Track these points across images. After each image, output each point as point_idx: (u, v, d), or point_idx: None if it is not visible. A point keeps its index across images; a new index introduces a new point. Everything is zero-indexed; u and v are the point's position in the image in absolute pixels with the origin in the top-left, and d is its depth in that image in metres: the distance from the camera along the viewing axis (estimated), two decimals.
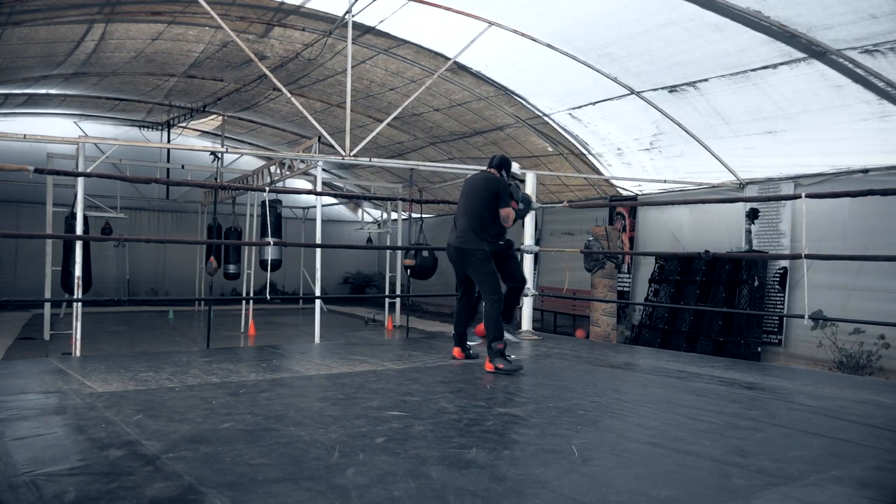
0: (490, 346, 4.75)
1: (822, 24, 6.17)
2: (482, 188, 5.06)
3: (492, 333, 4.78)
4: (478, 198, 5.03)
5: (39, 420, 3.17)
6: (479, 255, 4.93)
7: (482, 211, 5.01)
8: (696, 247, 8.85)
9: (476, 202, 5.03)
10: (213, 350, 7.23)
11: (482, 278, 4.96)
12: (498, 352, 4.71)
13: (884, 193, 4.81)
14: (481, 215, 5.00)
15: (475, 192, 5.07)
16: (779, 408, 3.89)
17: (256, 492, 2.26)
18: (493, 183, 5.08)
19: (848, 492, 2.45)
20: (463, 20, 8.05)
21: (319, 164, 8.62)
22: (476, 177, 5.29)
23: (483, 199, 5.02)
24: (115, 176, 7.23)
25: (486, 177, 5.17)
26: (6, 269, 15.32)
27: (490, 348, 4.75)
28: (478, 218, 4.98)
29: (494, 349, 4.72)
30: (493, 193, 5.02)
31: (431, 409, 3.56)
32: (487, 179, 5.12)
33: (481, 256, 4.93)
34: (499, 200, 5.04)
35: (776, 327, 8.93)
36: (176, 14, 8.58)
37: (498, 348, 4.71)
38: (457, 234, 5.04)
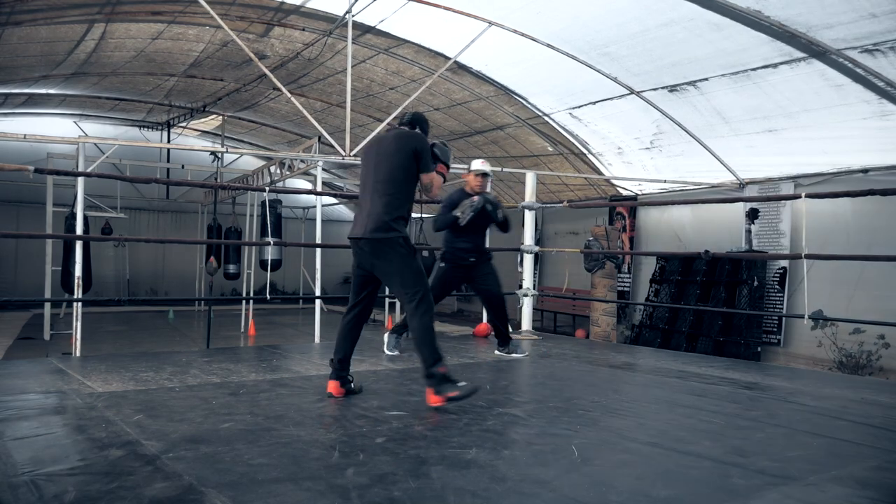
0: (430, 373, 3.52)
1: (822, 23, 6.17)
2: (395, 151, 3.71)
3: (429, 355, 3.54)
4: (391, 165, 3.68)
5: (39, 420, 3.17)
6: (400, 245, 3.61)
7: (401, 182, 3.68)
8: (697, 246, 8.85)
9: (389, 171, 3.68)
10: (213, 350, 7.23)
11: (405, 279, 3.62)
12: (441, 377, 3.52)
13: (884, 193, 4.81)
14: (400, 189, 3.68)
15: (389, 155, 3.71)
16: (779, 408, 3.89)
17: (256, 492, 2.26)
18: (412, 140, 3.73)
19: (848, 492, 2.44)
20: (463, 20, 8.05)
21: (319, 164, 8.62)
22: (383, 139, 3.87)
23: (399, 164, 3.67)
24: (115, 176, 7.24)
25: (399, 134, 3.81)
26: (6, 269, 15.32)
27: (431, 376, 3.52)
28: (395, 194, 3.65)
29: (437, 375, 3.52)
30: (411, 153, 3.68)
31: (431, 409, 3.55)
32: (403, 137, 3.77)
33: (403, 248, 3.62)
34: (419, 163, 3.70)
35: (776, 327, 8.93)
36: (176, 14, 8.58)
37: (440, 373, 3.53)
38: (365, 221, 3.67)
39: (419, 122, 3.93)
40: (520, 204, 7.45)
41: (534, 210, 7.38)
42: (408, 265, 3.61)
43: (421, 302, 3.58)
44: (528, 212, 7.40)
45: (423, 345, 3.56)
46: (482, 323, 7.68)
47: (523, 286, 7.39)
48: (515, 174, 11.37)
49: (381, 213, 3.62)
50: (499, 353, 5.58)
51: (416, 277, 3.62)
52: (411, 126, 3.88)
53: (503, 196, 13.87)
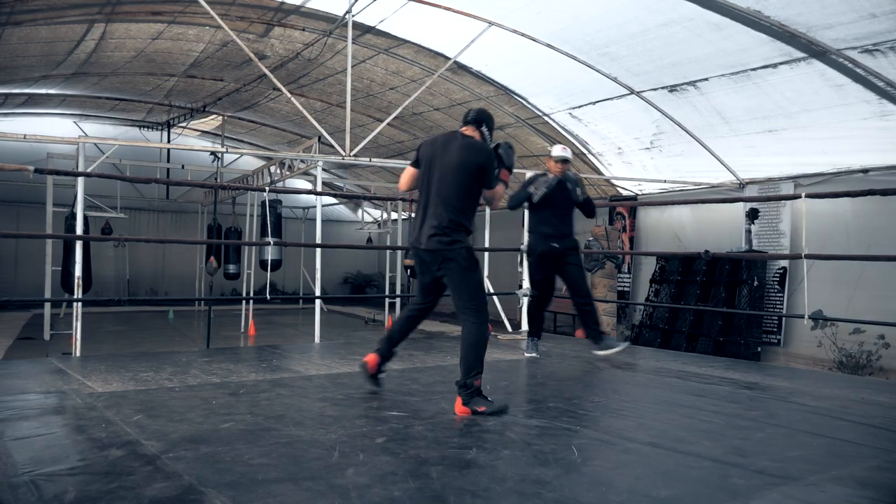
0: (465, 383, 3.49)
1: (822, 23, 6.17)
2: (461, 163, 3.63)
3: (471, 365, 3.51)
4: (457, 176, 3.62)
5: (39, 420, 3.17)
6: (463, 257, 3.61)
7: (464, 198, 3.64)
8: (697, 247, 8.84)
9: (453, 185, 3.62)
10: (213, 350, 7.23)
11: (462, 291, 3.63)
12: (475, 390, 3.50)
13: (884, 193, 4.81)
14: (463, 203, 3.64)
15: (452, 168, 3.63)
16: (779, 408, 3.89)
17: (256, 492, 2.26)
18: (478, 154, 3.66)
19: (848, 492, 2.44)
20: (463, 20, 8.05)
21: (319, 164, 8.61)
22: (448, 144, 3.72)
23: (463, 180, 3.62)
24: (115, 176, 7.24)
25: (465, 144, 3.69)
26: (6, 269, 15.31)
27: (465, 385, 3.49)
28: (458, 207, 3.62)
29: (471, 386, 3.49)
30: (477, 169, 3.63)
31: (431, 409, 3.56)
32: (468, 149, 3.67)
33: (465, 260, 3.62)
34: (484, 179, 3.66)
35: (776, 327, 8.93)
36: (176, 14, 8.58)
37: (475, 385, 3.50)
38: (428, 231, 3.65)
39: (485, 120, 3.81)
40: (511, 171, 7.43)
41: None
42: (467, 277, 3.63)
43: (479, 314, 3.61)
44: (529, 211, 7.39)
45: (468, 354, 3.56)
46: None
47: (523, 286, 7.39)
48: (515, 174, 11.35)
49: (445, 225, 3.60)
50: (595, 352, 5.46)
51: (475, 290, 3.66)
52: (476, 124, 3.79)
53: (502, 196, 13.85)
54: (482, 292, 3.71)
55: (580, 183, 5.45)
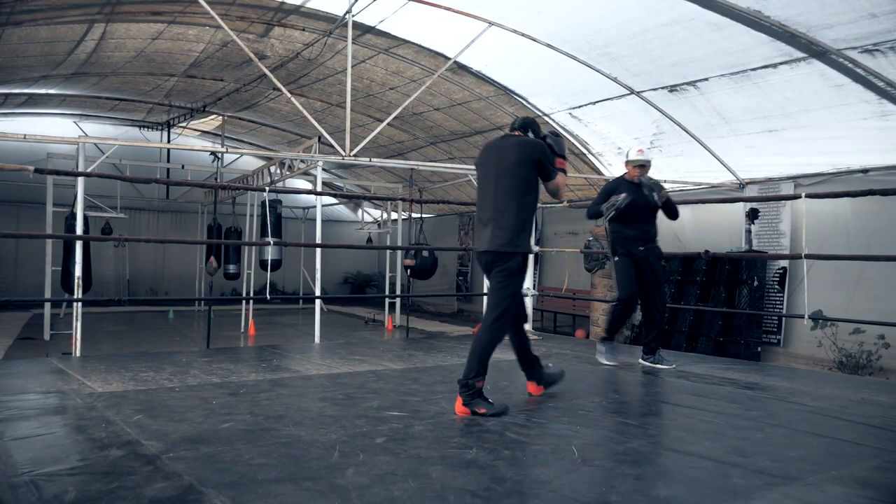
0: (467, 383, 3.54)
1: (822, 23, 6.17)
2: (517, 161, 3.63)
3: (474, 365, 3.58)
4: (514, 175, 3.62)
5: (39, 420, 3.17)
6: (516, 262, 3.63)
7: (524, 194, 3.64)
8: (697, 246, 8.84)
9: (511, 184, 3.62)
10: (213, 350, 7.23)
11: (497, 294, 3.65)
12: (476, 391, 3.54)
13: (884, 193, 4.82)
14: (523, 201, 3.64)
15: (509, 167, 3.64)
16: (779, 408, 3.89)
17: (256, 492, 2.26)
18: (531, 149, 3.65)
19: (848, 492, 2.45)
20: (463, 20, 8.05)
21: (319, 164, 8.61)
22: (501, 148, 3.75)
23: (522, 176, 3.62)
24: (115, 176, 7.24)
25: (517, 142, 3.71)
26: (6, 269, 15.31)
27: (467, 386, 3.54)
28: (518, 206, 3.62)
29: (472, 387, 3.53)
30: (533, 164, 3.63)
31: (431, 409, 3.56)
32: (521, 146, 3.67)
33: (516, 265, 3.63)
34: (542, 172, 3.66)
35: (776, 327, 8.93)
36: (176, 14, 8.58)
37: (477, 387, 3.54)
38: (489, 236, 3.66)
39: (531, 125, 3.88)
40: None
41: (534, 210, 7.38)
42: (507, 282, 3.64)
43: (497, 319, 3.63)
44: None
45: (476, 355, 3.59)
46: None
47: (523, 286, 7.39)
48: None
49: (504, 228, 3.62)
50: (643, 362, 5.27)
51: (508, 297, 3.65)
52: (523, 130, 3.83)
53: None
54: (513, 301, 3.69)
55: (657, 186, 5.26)
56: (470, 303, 16.61)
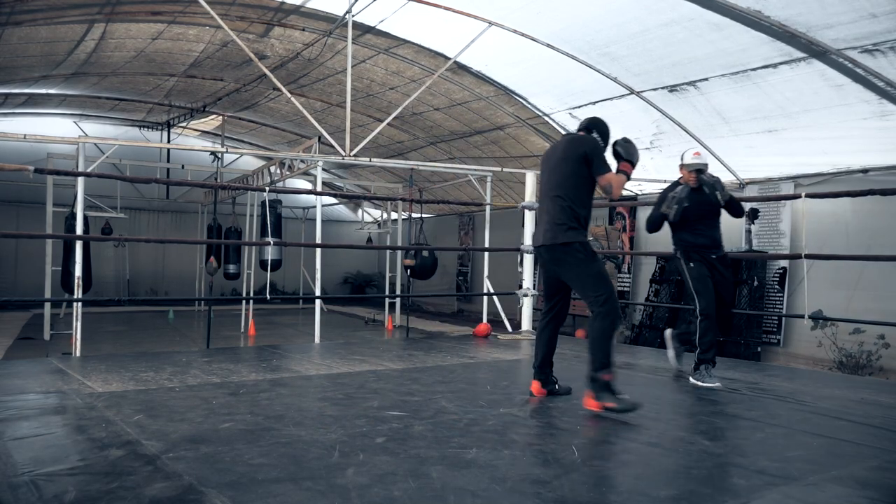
0: (594, 377, 3.50)
1: (822, 23, 6.17)
2: (566, 156, 3.76)
3: (598, 359, 3.51)
4: (564, 171, 3.74)
5: (39, 420, 3.17)
6: (577, 250, 3.65)
7: (574, 188, 3.71)
8: None
9: (561, 178, 3.74)
10: (213, 350, 7.23)
11: (585, 281, 3.64)
12: (604, 384, 3.47)
13: (884, 193, 4.82)
14: (573, 194, 3.71)
15: (559, 163, 3.79)
16: (779, 408, 3.89)
17: (256, 492, 2.26)
18: (581, 144, 3.77)
19: (848, 492, 2.45)
20: (463, 20, 8.05)
21: (319, 164, 8.61)
22: (556, 145, 3.97)
23: (571, 170, 3.72)
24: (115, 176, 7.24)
25: (569, 139, 3.91)
26: (6, 269, 15.31)
27: (593, 380, 3.50)
28: (568, 200, 3.70)
29: (599, 381, 3.47)
30: (580, 158, 3.71)
31: (431, 409, 3.55)
32: (572, 142, 3.84)
33: (580, 252, 3.65)
34: (591, 166, 3.70)
35: (776, 327, 8.93)
36: (176, 14, 8.58)
37: (605, 380, 3.47)
38: (543, 229, 3.77)
39: (595, 126, 3.93)
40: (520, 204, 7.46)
41: (534, 210, 7.38)
42: (587, 269, 3.63)
43: (604, 304, 3.56)
44: (528, 212, 7.41)
45: (597, 347, 3.54)
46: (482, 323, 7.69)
47: (523, 286, 7.40)
48: (515, 174, 11.37)
49: (556, 221, 3.69)
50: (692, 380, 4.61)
51: (598, 280, 3.62)
52: (587, 131, 3.90)
53: (502, 196, 13.87)
54: (604, 282, 3.64)
55: (718, 185, 4.81)
56: (470, 303, 16.61)
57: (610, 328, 3.56)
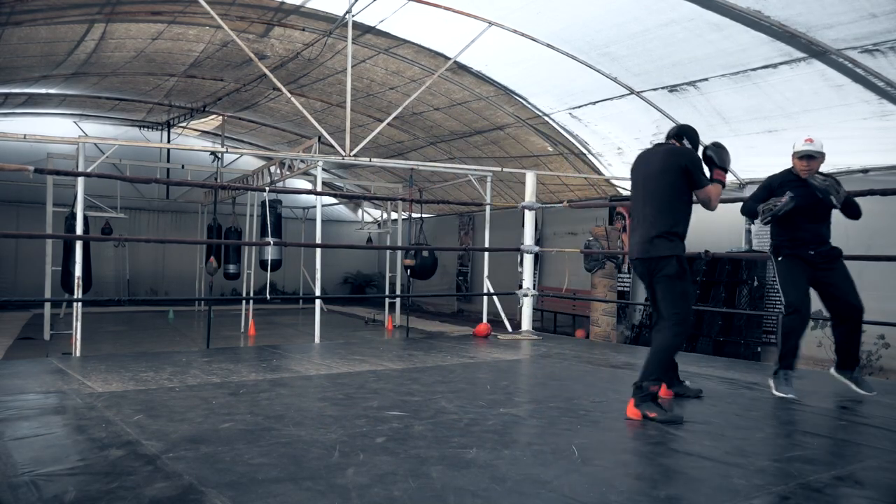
0: (641, 385, 3.49)
1: (821, 23, 6.17)
2: (663, 169, 3.70)
3: (652, 369, 3.52)
4: (661, 183, 3.68)
5: (39, 420, 3.17)
6: (672, 265, 3.62)
7: (671, 200, 3.67)
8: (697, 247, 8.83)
9: (659, 191, 3.69)
10: (213, 350, 7.23)
11: (667, 298, 3.65)
12: (649, 394, 3.46)
13: (884, 193, 4.82)
14: (671, 207, 3.66)
15: (656, 175, 3.72)
16: (779, 408, 3.89)
17: (256, 491, 2.26)
18: (678, 155, 3.70)
19: (848, 492, 2.45)
20: (463, 20, 8.05)
21: (319, 164, 8.61)
22: (651, 156, 3.86)
23: (669, 183, 3.66)
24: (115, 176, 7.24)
25: (664, 150, 3.81)
26: (6, 269, 15.31)
27: (640, 388, 3.49)
28: (666, 213, 3.65)
29: (645, 390, 3.47)
30: (680, 171, 3.64)
31: (431, 409, 3.55)
32: (668, 153, 3.76)
33: (674, 268, 3.62)
34: (690, 179, 3.65)
35: (776, 327, 8.93)
36: (176, 14, 8.58)
37: (651, 391, 3.48)
38: (639, 241, 3.74)
39: (686, 133, 3.89)
40: (520, 204, 7.46)
41: (534, 210, 7.38)
42: (674, 286, 3.63)
43: (679, 323, 3.58)
44: (528, 212, 7.41)
45: (654, 359, 3.55)
46: (482, 323, 7.69)
47: (523, 286, 7.40)
48: (515, 174, 11.37)
49: (654, 234, 3.65)
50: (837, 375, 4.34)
51: (678, 298, 3.63)
52: (678, 139, 3.86)
53: (502, 196, 13.87)
54: (685, 302, 3.64)
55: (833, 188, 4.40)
56: (470, 303, 16.61)
57: (675, 346, 3.60)
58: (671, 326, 3.58)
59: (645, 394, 3.47)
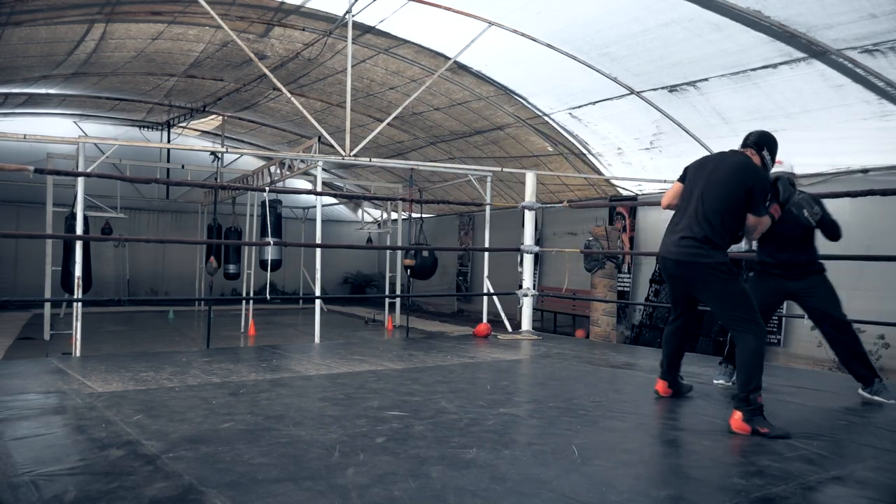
0: (747, 398, 3.26)
1: (821, 23, 6.17)
2: (729, 179, 3.49)
3: (751, 380, 3.28)
4: (721, 192, 3.49)
5: (39, 420, 3.17)
6: (721, 271, 3.46)
7: (725, 214, 3.48)
8: None
9: (718, 197, 3.48)
10: (213, 350, 7.23)
11: (727, 303, 3.48)
12: (758, 407, 3.24)
13: (884, 193, 4.81)
14: (723, 218, 3.48)
15: (719, 182, 3.51)
16: (778, 408, 3.89)
17: (256, 492, 2.26)
18: (750, 175, 3.49)
19: (848, 492, 2.45)
20: (463, 20, 8.05)
21: (319, 164, 8.61)
22: (721, 159, 3.65)
23: (729, 194, 3.47)
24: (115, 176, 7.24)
25: (739, 162, 3.56)
26: (6, 269, 15.31)
27: (747, 401, 3.25)
28: (717, 220, 3.47)
29: (753, 402, 3.24)
30: (744, 190, 3.46)
31: (431, 409, 3.55)
32: (741, 167, 3.53)
33: (724, 273, 3.46)
34: (750, 202, 3.48)
35: (776, 327, 8.93)
36: (176, 14, 8.58)
37: (758, 402, 3.25)
38: (678, 240, 3.58)
39: (766, 143, 3.67)
40: (520, 204, 7.45)
41: (534, 210, 7.38)
42: (728, 289, 3.47)
43: (748, 323, 3.41)
44: (528, 212, 7.41)
45: (747, 364, 3.35)
46: (482, 323, 7.69)
47: (523, 286, 7.39)
48: (515, 174, 11.37)
49: (696, 238, 3.49)
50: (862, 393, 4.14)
51: (741, 300, 3.46)
52: (757, 148, 3.65)
53: (502, 196, 13.87)
54: (747, 301, 3.47)
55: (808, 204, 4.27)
56: (470, 303, 16.61)
57: (762, 347, 3.39)
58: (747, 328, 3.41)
59: (753, 407, 3.24)
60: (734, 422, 3.26)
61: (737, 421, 3.25)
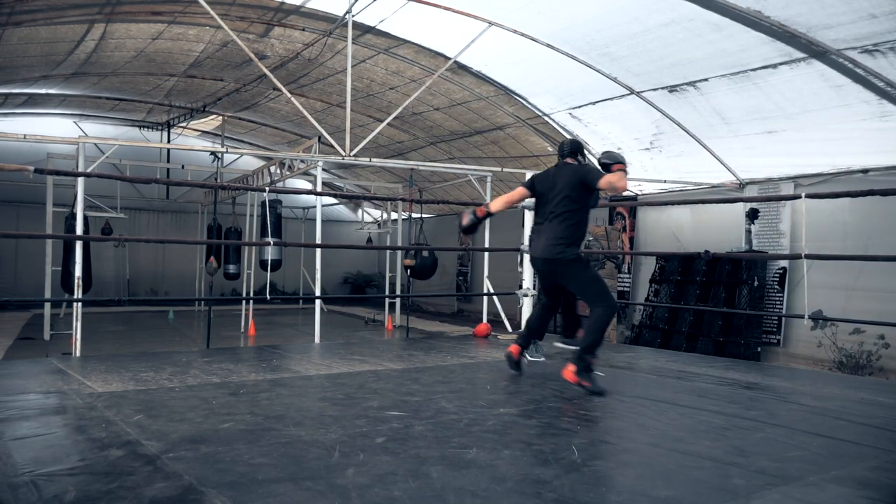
0: (582, 357, 4.08)
1: (821, 23, 6.17)
2: (566, 184, 4.34)
3: (591, 341, 4.11)
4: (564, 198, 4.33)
5: (39, 420, 3.17)
6: (573, 262, 4.29)
7: (572, 212, 4.33)
8: (697, 247, 8.84)
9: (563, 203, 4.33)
10: (213, 350, 7.23)
11: (582, 285, 4.34)
12: (587, 366, 4.07)
13: (884, 194, 4.81)
14: (575, 217, 4.34)
15: (562, 191, 4.35)
16: (779, 408, 3.89)
17: (256, 492, 2.26)
18: (574, 172, 4.37)
19: (848, 492, 2.45)
20: (463, 20, 8.05)
21: (319, 164, 8.61)
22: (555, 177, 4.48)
23: (572, 196, 4.32)
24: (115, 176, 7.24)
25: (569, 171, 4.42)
26: (6, 269, 15.31)
27: (582, 360, 4.08)
28: (570, 221, 4.32)
29: (586, 362, 4.08)
30: (579, 184, 4.30)
31: (431, 409, 3.55)
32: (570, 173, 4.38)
33: (576, 263, 4.29)
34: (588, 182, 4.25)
35: (776, 327, 8.93)
36: (176, 14, 8.59)
37: (589, 362, 4.08)
38: (544, 244, 4.37)
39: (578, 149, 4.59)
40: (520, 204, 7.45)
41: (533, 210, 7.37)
42: (581, 275, 4.31)
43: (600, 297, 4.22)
44: (529, 212, 7.40)
45: (593, 331, 4.14)
46: (482, 323, 7.69)
47: (523, 286, 7.39)
48: (515, 174, 11.37)
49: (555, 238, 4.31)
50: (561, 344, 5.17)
51: (590, 281, 4.33)
52: (573, 155, 4.53)
53: None
54: (599, 282, 4.38)
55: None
56: (470, 303, 16.61)
57: (608, 319, 4.18)
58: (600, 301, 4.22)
59: (585, 365, 4.08)
60: (566, 372, 4.12)
61: (569, 372, 4.10)
